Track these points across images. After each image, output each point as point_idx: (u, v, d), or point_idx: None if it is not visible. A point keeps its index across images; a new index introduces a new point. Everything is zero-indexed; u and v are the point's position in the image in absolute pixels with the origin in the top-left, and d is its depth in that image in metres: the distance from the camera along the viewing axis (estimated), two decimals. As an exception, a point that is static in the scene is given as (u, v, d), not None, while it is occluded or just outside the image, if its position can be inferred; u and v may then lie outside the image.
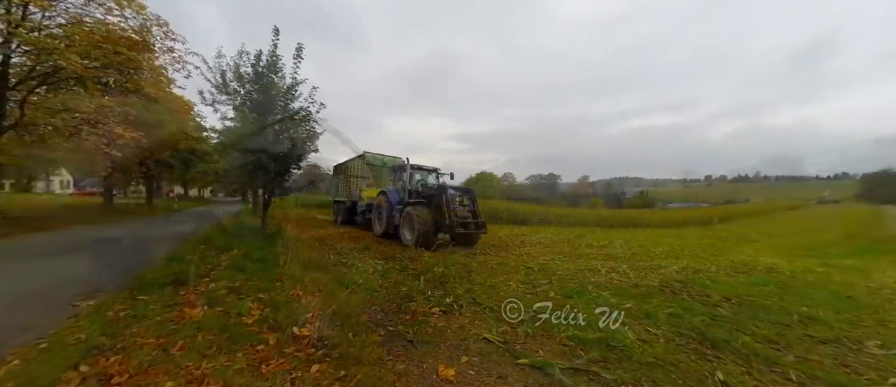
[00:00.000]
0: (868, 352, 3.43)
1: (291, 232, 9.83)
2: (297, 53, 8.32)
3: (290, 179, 10.12)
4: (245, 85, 8.42)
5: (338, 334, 3.08)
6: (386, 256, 7.48)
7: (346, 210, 14.67)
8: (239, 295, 3.97)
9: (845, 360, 3.24)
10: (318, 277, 4.92)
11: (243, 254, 6.20)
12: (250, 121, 8.34)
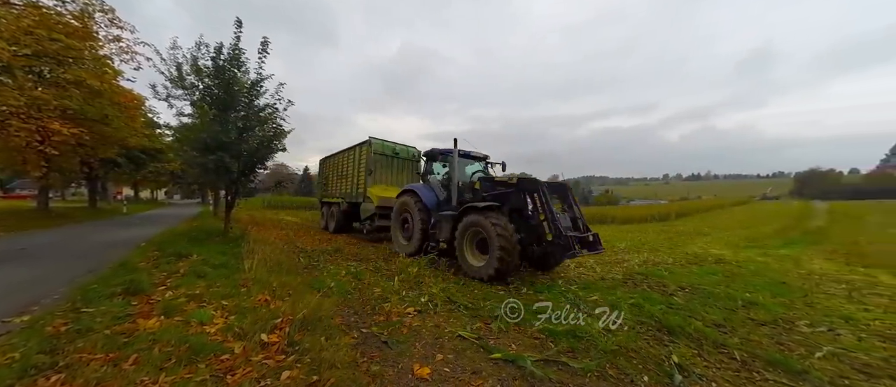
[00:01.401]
0: (798, 331, 3.87)
1: (257, 235, 9.37)
2: (263, 48, 7.95)
3: (255, 180, 9.63)
4: (204, 79, 7.92)
5: (309, 338, 2.99)
6: (359, 258, 7.34)
7: (343, 214, 11.51)
8: (200, 303, 3.73)
9: (780, 339, 3.62)
10: (287, 281, 4.73)
11: (204, 259, 5.83)
12: (210, 117, 7.85)
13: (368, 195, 9.94)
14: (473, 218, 5.62)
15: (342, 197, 11.73)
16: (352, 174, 11.19)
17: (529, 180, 5.68)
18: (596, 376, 2.73)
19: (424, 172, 8.07)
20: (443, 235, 6.45)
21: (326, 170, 14.02)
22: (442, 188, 7.23)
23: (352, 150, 11.42)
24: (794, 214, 25.80)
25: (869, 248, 10.00)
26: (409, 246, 7.36)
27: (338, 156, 12.72)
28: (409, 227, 7.55)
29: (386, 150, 10.89)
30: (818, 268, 7.63)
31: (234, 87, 7.86)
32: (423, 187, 7.56)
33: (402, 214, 7.81)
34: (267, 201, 30.94)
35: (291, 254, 7.32)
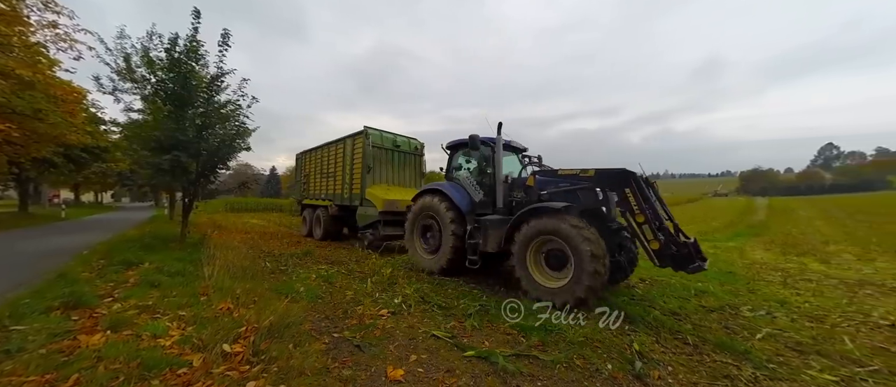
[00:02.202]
0: (742, 315, 4.25)
1: (219, 240, 8.83)
2: (223, 40, 7.50)
3: (216, 181, 9.07)
4: (156, 72, 7.34)
5: (276, 346, 2.86)
6: (330, 261, 7.14)
7: (332, 219, 10.05)
8: (153, 314, 3.46)
9: (727, 323, 3.97)
10: (251, 287, 4.49)
11: (157, 267, 5.41)
12: (165, 114, 7.29)
13: (368, 197, 8.22)
14: (544, 223, 4.29)
15: (330, 199, 10.13)
16: (342, 172, 9.55)
17: (616, 171, 4.41)
18: (564, 367, 2.84)
19: (450, 168, 6.48)
20: (490, 245, 5.05)
21: (306, 167, 12.13)
22: (476, 187, 5.71)
23: (341, 142, 9.68)
24: (739, 210, 28.27)
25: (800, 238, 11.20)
26: (436, 260, 5.79)
27: (321, 150, 11.01)
28: (433, 236, 6.02)
29: (385, 142, 9.15)
30: (759, 258, 8.43)
31: (191, 81, 7.34)
32: (451, 186, 5.95)
33: (424, 220, 6.23)
34: (230, 204, 29.25)
35: (257, 259, 6.97)
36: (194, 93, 7.44)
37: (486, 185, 5.65)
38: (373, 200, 8.02)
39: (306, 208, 11.82)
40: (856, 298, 5.03)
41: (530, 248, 4.46)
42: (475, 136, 5.50)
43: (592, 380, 2.68)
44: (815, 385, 2.69)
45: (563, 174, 4.93)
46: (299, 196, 12.74)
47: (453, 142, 6.48)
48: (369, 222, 8.19)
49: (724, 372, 2.83)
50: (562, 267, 4.28)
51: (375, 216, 7.94)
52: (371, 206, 8.09)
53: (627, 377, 2.72)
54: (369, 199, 8.16)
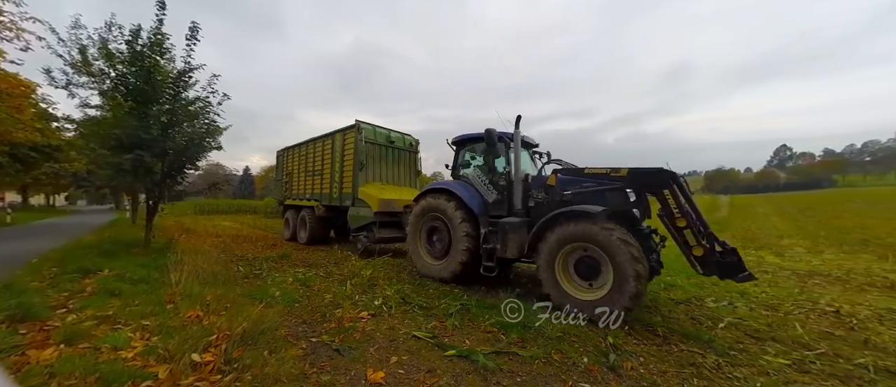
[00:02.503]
0: (706, 306, 4.52)
1: (187, 244, 8.41)
2: (192, 34, 7.12)
3: (184, 182, 8.61)
4: (116, 66, 6.89)
5: (250, 354, 2.76)
6: (307, 264, 6.95)
7: (319, 221, 9.30)
8: (113, 325, 3.24)
9: (693, 314, 4.20)
10: (223, 293, 4.30)
11: (118, 275, 5.07)
12: (126, 110, 6.85)
13: (361, 197, 7.61)
14: (578, 229, 3.88)
15: (316, 199, 9.35)
16: (331, 169, 8.83)
17: (653, 171, 4.03)
18: (543, 362, 2.91)
19: (457, 165, 5.98)
20: (510, 250, 4.63)
21: (288, 165, 11.32)
22: (489, 186, 5.29)
23: (329, 138, 9.00)
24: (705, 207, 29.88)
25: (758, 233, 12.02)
26: (445, 266, 5.32)
27: (306, 146, 10.19)
28: (440, 240, 5.56)
29: (379, 137, 8.48)
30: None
31: (156, 76, 6.94)
32: (460, 185, 5.49)
33: (429, 223, 5.74)
34: (199, 206, 27.87)
35: (229, 263, 6.68)
36: (159, 88, 7.04)
37: (500, 184, 5.21)
38: (367, 200, 7.41)
39: (289, 210, 10.97)
40: (806, 287, 5.47)
41: (559, 255, 4.03)
42: (492, 130, 4.98)
43: (569, 373, 2.76)
44: (771, 369, 2.90)
45: (590, 173, 4.48)
46: (280, 196, 11.86)
47: (461, 137, 5.86)
48: (363, 224, 7.57)
49: (690, 360, 3.00)
50: (593, 275, 3.89)
51: (370, 217, 7.36)
52: (364, 206, 7.49)
53: (602, 369, 2.82)
54: (363, 198, 7.54)
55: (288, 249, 8.83)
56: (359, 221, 7.69)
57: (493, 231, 4.93)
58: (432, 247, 5.75)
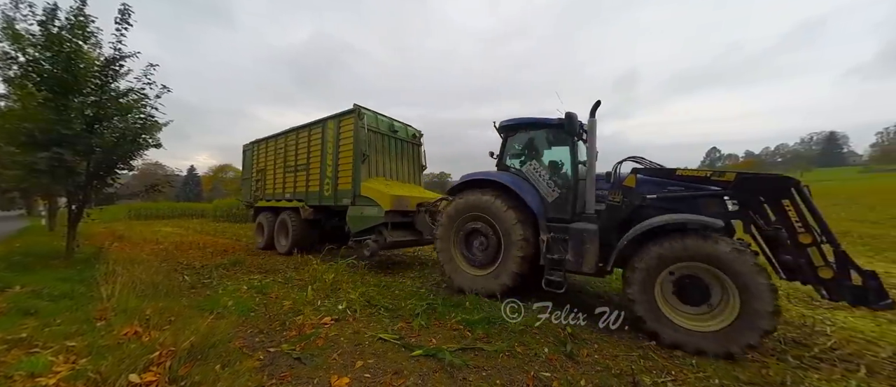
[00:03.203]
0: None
1: (121, 253, 7.54)
2: (122, 17, 6.36)
3: (115, 183, 7.69)
4: (26, 49, 5.98)
5: (199, 369, 2.55)
6: (264, 270, 6.55)
7: (305, 225, 8.07)
8: (29, 349, 2.82)
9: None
10: (166, 305, 3.91)
11: (33, 290, 4.41)
12: (40, 101, 5.96)
13: (365, 195, 6.51)
14: (694, 246, 3.21)
15: (300, 199, 8.10)
16: (320, 163, 7.63)
17: (770, 178, 3.53)
18: (507, 355, 3.03)
19: (505, 155, 5.04)
20: (588, 263, 3.93)
21: (259, 160, 9.87)
22: (550, 183, 4.52)
23: (318, 126, 7.77)
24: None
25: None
26: (491, 277, 4.49)
27: (285, 138, 8.87)
28: (485, 246, 4.69)
29: (381, 126, 7.40)
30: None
31: (78, 63, 6.12)
32: (513, 179, 4.61)
33: (469, 224, 4.79)
34: (134, 210, 25.03)
35: (172, 273, 6.09)
36: (82, 78, 6.21)
37: (561, 182, 4.51)
38: (375, 198, 6.30)
39: (263, 213, 9.50)
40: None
41: (660, 276, 3.35)
42: (574, 115, 4.16)
43: (531, 364, 2.89)
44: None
45: (683, 176, 3.80)
46: (249, 198, 10.30)
47: (513, 121, 4.99)
48: (368, 226, 6.38)
49: (638, 344, 3.28)
50: (701, 301, 3.27)
51: (378, 218, 6.21)
52: (371, 205, 6.36)
53: (561, 358, 2.99)
54: (368, 196, 6.43)
55: (240, 254, 8.24)
56: (364, 222, 6.45)
57: (559, 238, 4.18)
58: (472, 254, 4.82)
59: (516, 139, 5.03)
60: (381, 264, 7.01)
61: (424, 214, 6.20)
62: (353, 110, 6.93)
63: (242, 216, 19.93)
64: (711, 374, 2.73)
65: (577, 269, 4.04)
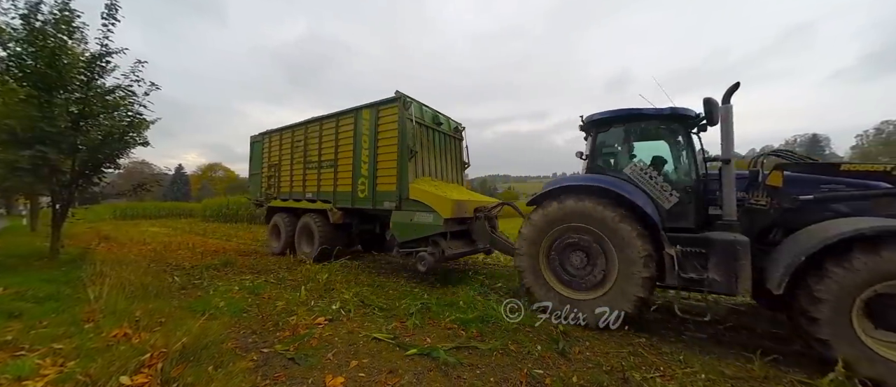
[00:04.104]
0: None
1: (108, 254, 7.38)
2: (109, 12, 6.23)
3: (100, 183, 7.52)
4: (7, 44, 5.81)
5: (192, 371, 2.53)
6: (256, 271, 6.48)
7: (334, 231, 7.04)
8: (14, 352, 2.76)
9: (630, 301, 4.67)
10: (156, 307, 3.86)
11: (17, 292, 4.30)
12: (21, 98, 5.79)
13: (416, 198, 5.54)
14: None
15: (326, 200, 7.09)
16: (352, 159, 6.59)
17: None
18: (500, 353, 3.07)
19: (597, 154, 4.35)
20: (742, 283, 3.22)
21: (272, 154, 8.74)
22: (666, 187, 3.84)
23: (350, 115, 6.70)
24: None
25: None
26: (601, 302, 3.66)
27: (306, 128, 7.71)
28: (588, 263, 3.89)
29: (425, 117, 6.42)
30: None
31: (62, 59, 5.97)
32: (619, 183, 3.88)
33: (566, 238, 3.98)
34: (120, 210, 24.48)
35: (161, 274, 5.98)
36: (67, 74, 6.06)
37: (680, 183, 3.83)
38: (430, 203, 5.32)
39: (278, 214, 8.38)
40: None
41: (857, 301, 2.73)
42: (712, 101, 3.51)
43: (525, 361, 2.94)
44: (692, 341, 3.36)
45: (850, 171, 3.32)
46: (259, 196, 9.25)
47: (604, 114, 4.23)
48: (420, 236, 5.41)
49: (628, 341, 3.35)
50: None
51: (435, 227, 5.22)
52: (422, 210, 5.43)
53: (554, 355, 3.04)
54: (420, 200, 5.47)
55: (231, 255, 8.13)
56: (415, 230, 5.47)
57: (693, 252, 3.48)
58: (569, 273, 3.99)
59: (611, 135, 4.31)
60: (374, 264, 6.98)
61: (483, 222, 5.38)
62: (395, 98, 5.91)
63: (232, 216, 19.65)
64: (698, 369, 2.80)
65: (730, 290, 3.29)
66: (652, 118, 4.06)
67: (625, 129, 4.23)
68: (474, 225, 5.56)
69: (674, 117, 3.88)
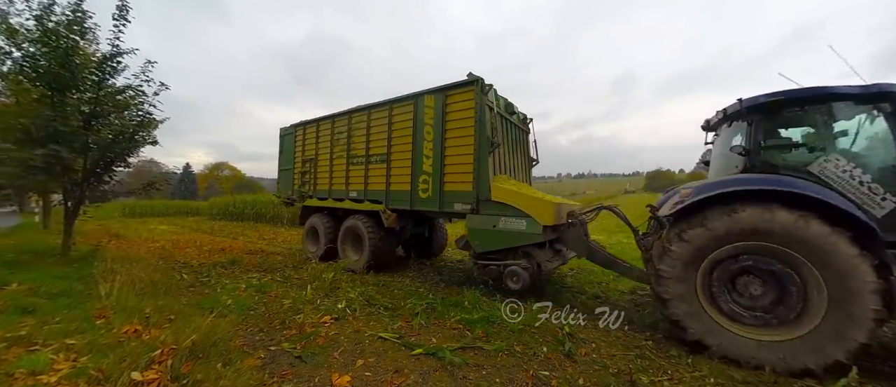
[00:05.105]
0: (649, 293, 5.01)
1: (118, 251, 7.50)
2: (120, 13, 6.32)
3: (111, 181, 7.63)
4: (22, 44, 5.92)
5: (201, 368, 2.56)
6: (263, 269, 6.54)
7: (387, 237, 6.25)
8: (29, 347, 2.81)
9: (637, 301, 4.63)
10: (166, 304, 3.92)
11: (30, 288, 4.38)
12: (35, 96, 5.92)
13: (500, 200, 4.70)
14: None
15: (376, 200, 6.22)
16: (412, 152, 5.68)
17: None
18: (506, 354, 3.06)
19: (756, 148, 3.43)
20: None
21: (308, 147, 7.81)
22: (876, 188, 2.99)
23: (406, 102, 5.80)
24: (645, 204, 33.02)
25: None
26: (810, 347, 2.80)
27: (350, 117, 6.80)
28: (764, 293, 3.04)
29: (500, 106, 5.50)
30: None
31: (74, 59, 6.07)
32: (817, 187, 2.98)
33: (745, 257, 3.08)
34: (129, 208, 24.81)
35: (170, 271, 6.06)
36: (79, 74, 6.17)
37: None
38: (522, 205, 4.52)
39: (315, 215, 7.54)
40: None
41: None
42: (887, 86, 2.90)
43: (530, 363, 2.93)
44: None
45: None
46: (290, 193, 8.31)
47: (775, 95, 3.35)
48: (507, 246, 4.63)
49: (635, 343, 3.33)
50: None
51: (528, 235, 4.45)
52: (510, 214, 4.60)
53: (559, 357, 3.03)
54: (508, 202, 4.63)
55: (238, 253, 8.21)
56: (504, 240, 4.64)
57: None
58: (743, 306, 3.08)
59: (786, 122, 3.45)
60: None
61: (578, 228, 4.59)
62: (470, 81, 5.00)
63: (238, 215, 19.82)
64: (707, 373, 2.77)
65: None
66: (848, 98, 3.09)
67: (807, 113, 3.32)
68: (567, 232, 4.61)
69: (882, 96, 2.95)
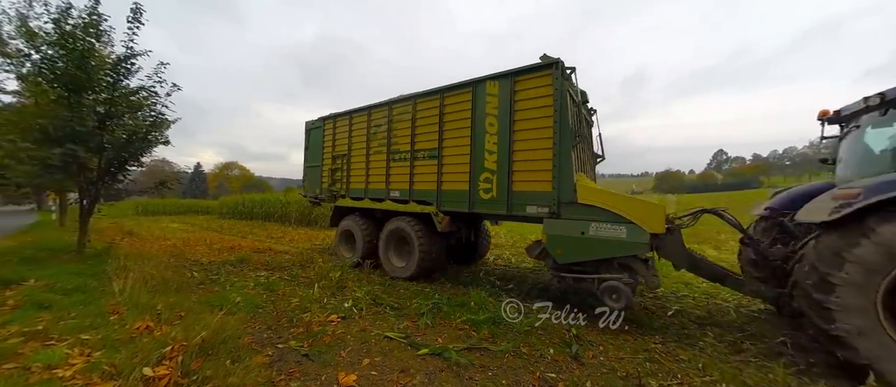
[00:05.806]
0: (657, 296, 4.93)
1: (131, 249, 7.66)
2: (134, 15, 6.46)
3: (125, 180, 7.81)
4: (40, 47, 6.10)
5: (211, 364, 2.60)
6: (270, 268, 6.61)
7: (439, 241, 5.57)
8: (45, 341, 2.89)
9: (646, 304, 4.56)
10: (176, 301, 3.99)
11: (47, 284, 4.50)
12: (53, 97, 6.08)
13: (590, 203, 4.00)
14: None
15: (426, 201, 5.54)
16: (472, 146, 4.98)
17: None
18: (512, 355, 3.04)
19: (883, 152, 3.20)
20: None
21: (340, 141, 7.23)
22: None
23: (463, 90, 5.11)
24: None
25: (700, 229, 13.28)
26: None
27: (391, 108, 6.12)
28: None
29: (574, 92, 4.67)
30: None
31: (90, 61, 6.22)
32: None
33: None
34: (141, 206, 25.36)
35: (181, 269, 6.17)
36: (95, 75, 6.32)
37: None
38: (622, 210, 3.83)
39: (351, 217, 6.86)
40: (737, 276, 6.15)
41: None
42: None
43: (537, 364, 2.91)
44: (712, 349, 3.26)
45: None
46: (321, 192, 7.66)
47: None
48: (602, 257, 3.92)
49: (643, 346, 3.28)
50: None
51: (631, 244, 3.75)
52: (604, 220, 3.90)
53: (567, 359, 3.00)
54: (602, 205, 3.92)
55: (247, 251, 8.32)
56: (597, 249, 3.92)
57: None
58: None
59: None
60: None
61: (678, 236, 3.94)
62: (547, 63, 4.28)
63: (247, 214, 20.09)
64: (718, 378, 2.72)
65: None
66: None
67: None
68: (665, 240, 3.84)
69: None
